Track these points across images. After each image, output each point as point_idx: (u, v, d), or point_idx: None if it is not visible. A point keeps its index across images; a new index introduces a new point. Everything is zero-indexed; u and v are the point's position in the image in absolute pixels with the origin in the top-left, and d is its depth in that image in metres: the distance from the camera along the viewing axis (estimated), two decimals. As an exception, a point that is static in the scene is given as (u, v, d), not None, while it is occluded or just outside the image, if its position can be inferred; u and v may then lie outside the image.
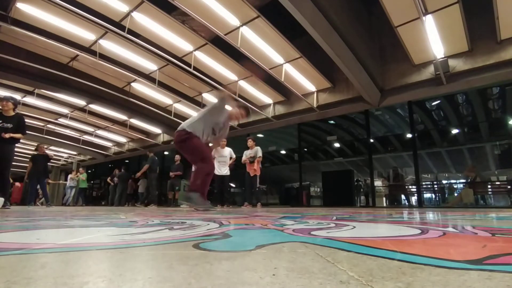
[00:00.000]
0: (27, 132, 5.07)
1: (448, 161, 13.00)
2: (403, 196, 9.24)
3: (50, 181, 10.42)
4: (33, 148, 11.18)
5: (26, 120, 5.14)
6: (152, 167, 9.30)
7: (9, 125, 4.71)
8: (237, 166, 7.39)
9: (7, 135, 4.59)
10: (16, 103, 4.98)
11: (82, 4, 5.82)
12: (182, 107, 10.67)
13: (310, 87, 8.66)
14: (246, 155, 7.11)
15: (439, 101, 8.72)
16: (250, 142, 7.15)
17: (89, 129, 13.68)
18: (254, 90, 9.09)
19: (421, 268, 0.55)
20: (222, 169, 7.15)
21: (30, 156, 8.70)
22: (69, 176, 13.45)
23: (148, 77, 8.77)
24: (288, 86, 8.00)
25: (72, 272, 0.54)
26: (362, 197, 11.41)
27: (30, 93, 9.89)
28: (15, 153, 6.02)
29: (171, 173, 9.24)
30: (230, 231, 1.27)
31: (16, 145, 4.98)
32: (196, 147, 3.58)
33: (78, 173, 13.09)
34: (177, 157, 9.18)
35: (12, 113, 4.83)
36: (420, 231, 1.22)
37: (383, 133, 10.23)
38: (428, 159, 12.54)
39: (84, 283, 0.47)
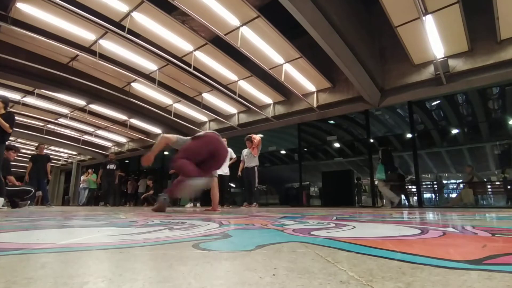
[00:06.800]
0: (15, 128, 4.96)
1: (448, 161, 13.01)
2: (403, 196, 9.23)
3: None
4: (33, 148, 11.19)
5: (26, 120, 5.11)
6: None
7: None
8: (237, 166, 7.38)
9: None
10: (4, 101, 4.85)
11: (82, 4, 5.81)
12: (182, 107, 10.67)
13: (310, 87, 8.66)
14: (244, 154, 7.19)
15: (439, 101, 8.72)
16: (248, 144, 7.15)
17: (89, 129, 13.66)
18: (254, 90, 9.08)
19: (421, 268, 0.55)
20: (222, 168, 7.15)
21: (30, 156, 8.69)
22: (82, 177, 13.70)
23: (148, 77, 8.76)
24: (288, 86, 7.99)
25: (72, 272, 0.54)
26: (364, 197, 11.39)
27: (30, 93, 9.87)
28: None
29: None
30: (230, 231, 1.27)
31: (16, 145, 4.95)
32: None
33: (88, 175, 13.17)
34: None
35: (3, 112, 4.79)
36: (420, 231, 1.22)
37: (383, 133, 10.23)
38: (428, 159, 12.55)
39: (84, 283, 0.47)
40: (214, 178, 4.20)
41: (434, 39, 5.93)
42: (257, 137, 7.06)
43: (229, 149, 7.33)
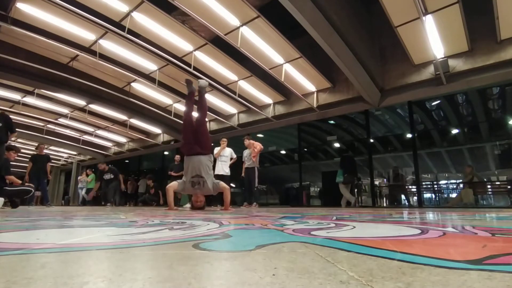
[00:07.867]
0: (18, 130, 4.94)
1: (448, 161, 13.00)
2: (403, 196, 9.23)
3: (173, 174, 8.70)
4: (33, 148, 11.17)
5: (26, 120, 5.11)
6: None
7: None
8: (237, 166, 7.38)
9: (13, 138, 4.51)
10: None
11: (82, 4, 5.81)
12: (182, 107, 10.65)
13: (310, 87, 8.66)
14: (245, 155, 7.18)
15: (439, 101, 8.71)
16: (246, 141, 7.16)
17: (89, 129, 13.67)
18: (254, 90, 9.08)
19: (421, 268, 0.55)
20: (223, 168, 7.15)
21: (30, 156, 8.68)
22: (79, 177, 13.73)
23: (148, 77, 8.76)
24: (288, 86, 7.99)
25: (72, 272, 0.54)
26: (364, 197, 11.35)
27: (30, 93, 9.87)
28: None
29: (171, 173, 9.05)
30: (230, 231, 1.27)
31: (16, 145, 4.94)
32: None
33: (85, 175, 13.16)
34: (177, 157, 9.12)
35: None
36: (420, 231, 1.22)
37: (383, 133, 10.22)
38: (428, 159, 12.53)
39: (84, 283, 0.47)
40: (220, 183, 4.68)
41: (434, 39, 5.93)
42: (258, 145, 7.03)
43: (230, 149, 7.35)
